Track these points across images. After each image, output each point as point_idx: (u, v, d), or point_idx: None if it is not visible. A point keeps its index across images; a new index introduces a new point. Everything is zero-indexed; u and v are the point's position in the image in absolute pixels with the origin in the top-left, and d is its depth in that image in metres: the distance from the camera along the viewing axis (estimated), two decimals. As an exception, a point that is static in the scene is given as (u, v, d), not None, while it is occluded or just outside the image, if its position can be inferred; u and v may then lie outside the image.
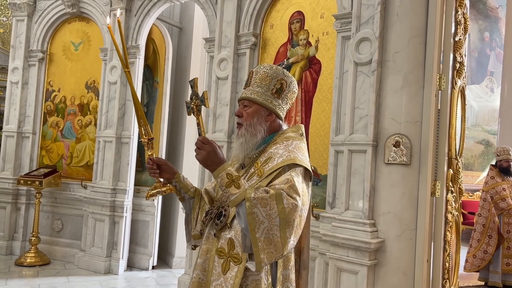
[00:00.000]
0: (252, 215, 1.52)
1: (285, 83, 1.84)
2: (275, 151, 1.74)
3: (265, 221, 1.52)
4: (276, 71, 1.84)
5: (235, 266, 1.67)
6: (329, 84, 3.69)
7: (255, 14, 4.24)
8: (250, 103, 1.82)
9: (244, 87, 1.89)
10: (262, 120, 1.81)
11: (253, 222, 1.52)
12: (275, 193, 1.54)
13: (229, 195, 1.60)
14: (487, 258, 5.47)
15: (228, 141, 4.24)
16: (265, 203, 1.52)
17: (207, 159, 1.66)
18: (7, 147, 6.01)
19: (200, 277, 1.77)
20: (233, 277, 1.66)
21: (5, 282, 4.69)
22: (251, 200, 1.53)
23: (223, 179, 1.61)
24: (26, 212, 5.86)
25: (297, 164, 1.68)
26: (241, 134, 1.81)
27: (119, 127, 5.39)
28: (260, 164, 1.75)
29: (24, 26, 6.07)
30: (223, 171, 1.63)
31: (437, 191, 3.10)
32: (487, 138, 9.66)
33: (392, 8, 3.22)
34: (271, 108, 1.82)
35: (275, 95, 1.83)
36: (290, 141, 1.77)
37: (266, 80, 1.82)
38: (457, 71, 3.28)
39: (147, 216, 5.58)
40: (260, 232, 1.52)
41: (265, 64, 1.89)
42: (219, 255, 1.72)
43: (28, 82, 6.05)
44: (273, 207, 1.52)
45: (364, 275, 3.08)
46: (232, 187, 1.60)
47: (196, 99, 1.87)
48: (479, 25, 9.54)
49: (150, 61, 5.80)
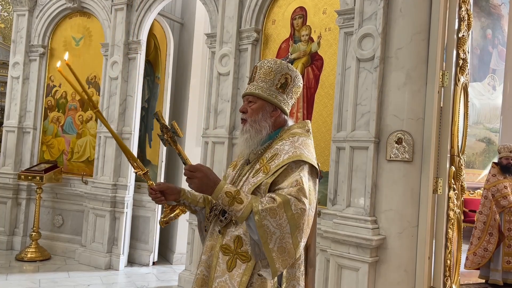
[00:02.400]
0: (263, 228, 1.52)
1: (289, 78, 1.81)
2: (281, 148, 1.72)
3: (276, 231, 1.53)
4: (281, 66, 1.81)
5: (243, 263, 1.66)
6: (331, 81, 3.67)
7: (257, 9, 4.22)
8: (254, 98, 1.79)
9: (248, 82, 1.86)
10: (267, 115, 1.79)
11: (264, 234, 1.53)
12: (283, 200, 1.54)
13: (235, 212, 1.58)
14: (487, 255, 5.46)
15: (229, 137, 4.22)
16: (274, 213, 1.53)
17: (201, 185, 1.63)
18: (8, 142, 6.00)
19: (204, 273, 1.76)
20: (240, 274, 1.65)
21: (5, 277, 4.69)
22: (259, 213, 1.53)
23: (224, 199, 1.60)
24: (26, 207, 5.86)
25: (303, 160, 1.66)
26: (246, 130, 1.79)
27: (120, 122, 5.38)
28: (266, 160, 1.72)
29: (25, 21, 6.05)
30: (221, 191, 1.61)
31: (439, 188, 3.09)
32: (488, 136, 9.64)
33: (395, 4, 3.20)
34: (276, 103, 1.79)
35: (280, 90, 1.80)
36: (296, 137, 1.75)
37: (271, 75, 1.79)
38: (460, 68, 3.26)
39: (148, 212, 5.58)
40: (273, 243, 1.53)
41: (269, 59, 1.85)
42: (224, 252, 1.70)
43: (29, 77, 6.04)
44: (283, 216, 1.53)
45: (365, 272, 3.07)
46: (235, 203, 1.58)
47: (167, 131, 1.84)
48: (482, 23, 9.50)
49: (151, 57, 5.79)
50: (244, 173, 1.80)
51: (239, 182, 1.79)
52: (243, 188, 1.74)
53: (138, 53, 5.39)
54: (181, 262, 5.51)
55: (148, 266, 5.45)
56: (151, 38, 5.71)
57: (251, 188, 1.68)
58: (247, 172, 1.78)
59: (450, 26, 3.17)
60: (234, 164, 1.96)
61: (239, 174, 1.84)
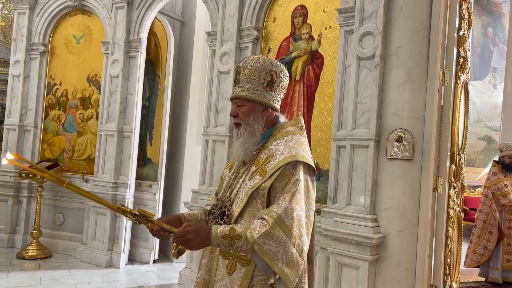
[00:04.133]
0: (266, 252, 1.54)
1: (275, 74, 1.77)
2: (275, 148, 1.71)
3: (279, 249, 1.54)
4: (264, 63, 1.76)
5: (243, 267, 1.65)
6: (331, 79, 3.67)
7: (257, 8, 4.22)
8: (243, 101, 1.76)
9: (234, 84, 1.82)
10: (259, 116, 1.76)
11: (270, 257, 1.54)
12: (275, 220, 1.55)
13: (239, 249, 1.57)
14: (487, 254, 5.47)
15: (229, 135, 4.23)
16: (270, 235, 1.54)
17: (198, 244, 1.57)
18: (8, 140, 6.01)
19: (205, 277, 1.76)
20: (240, 278, 1.64)
21: (6, 275, 4.70)
22: (257, 242, 1.53)
23: (223, 243, 1.56)
24: (27, 205, 5.88)
25: (299, 160, 1.66)
26: (240, 133, 1.77)
27: (121, 121, 5.38)
28: (262, 162, 1.71)
29: (26, 19, 6.05)
30: (218, 238, 1.56)
31: (439, 187, 3.09)
32: (489, 135, 9.63)
33: (396, 2, 3.19)
34: (265, 103, 1.76)
35: (267, 88, 1.76)
36: (290, 136, 1.74)
37: (255, 75, 1.75)
38: (460, 66, 3.26)
39: (149, 210, 5.49)
40: (281, 261, 1.55)
41: (250, 57, 1.80)
42: (223, 256, 1.70)
43: (29, 76, 6.05)
44: (279, 233, 1.54)
45: (365, 270, 3.08)
46: (235, 241, 1.56)
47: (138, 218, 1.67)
48: (483, 21, 9.48)
49: (152, 55, 5.79)
50: (241, 175, 1.78)
51: (236, 184, 1.78)
52: (239, 191, 1.72)
53: (139, 51, 5.40)
54: (182, 260, 5.51)
55: (149, 264, 5.46)
56: (152, 36, 5.71)
57: (248, 192, 1.67)
58: (243, 174, 1.77)
59: (450, 24, 3.17)
60: (230, 165, 1.95)
61: (235, 176, 1.82)
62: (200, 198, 4.40)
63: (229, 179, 1.86)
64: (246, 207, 1.67)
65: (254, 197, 1.66)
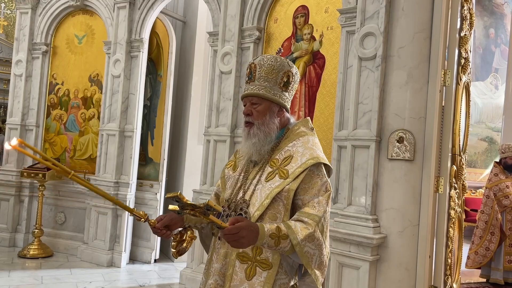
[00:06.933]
0: (304, 254, 1.56)
1: (291, 75, 1.74)
2: (293, 149, 1.69)
3: (316, 251, 1.59)
4: (282, 63, 1.73)
5: (264, 271, 1.62)
6: (333, 79, 3.68)
7: (259, 8, 4.22)
8: (259, 99, 1.71)
9: (247, 81, 1.76)
10: (274, 116, 1.72)
11: (307, 259, 1.57)
12: (316, 223, 1.59)
13: (283, 249, 1.55)
14: (489, 255, 5.46)
15: (231, 135, 4.23)
16: (312, 238, 1.57)
17: (249, 242, 1.47)
18: (10, 139, 6.02)
19: (218, 282, 1.68)
20: (261, 283, 1.61)
21: (8, 274, 4.71)
22: (300, 244, 1.54)
23: (269, 242, 1.51)
24: (29, 204, 5.89)
25: (321, 162, 1.68)
26: (254, 134, 1.70)
27: (122, 120, 5.39)
28: (279, 163, 1.68)
29: (28, 18, 6.06)
30: (265, 236, 1.50)
31: (441, 187, 3.09)
32: (490, 135, 9.62)
33: (398, 3, 3.19)
34: (281, 104, 1.73)
35: (283, 89, 1.73)
36: (306, 137, 1.73)
37: (273, 74, 1.71)
38: (462, 67, 3.26)
39: (150, 209, 5.59)
40: (315, 262, 1.59)
41: (267, 56, 1.75)
42: (241, 260, 1.64)
43: (31, 75, 6.06)
44: (318, 236, 1.59)
45: (366, 271, 3.08)
46: (281, 241, 1.53)
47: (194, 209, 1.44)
48: (484, 22, 9.47)
49: (153, 55, 5.80)
50: (253, 176, 1.72)
51: (249, 185, 1.71)
52: (255, 192, 1.67)
53: (141, 51, 5.41)
54: (183, 259, 5.52)
55: (150, 264, 5.47)
56: (154, 36, 5.72)
57: (271, 194, 1.63)
58: (257, 174, 1.72)
59: (452, 25, 3.17)
60: (232, 164, 1.88)
61: (246, 177, 1.75)
62: (201, 198, 4.40)
63: (236, 179, 1.78)
64: (267, 209, 1.63)
65: (276, 200, 1.63)
